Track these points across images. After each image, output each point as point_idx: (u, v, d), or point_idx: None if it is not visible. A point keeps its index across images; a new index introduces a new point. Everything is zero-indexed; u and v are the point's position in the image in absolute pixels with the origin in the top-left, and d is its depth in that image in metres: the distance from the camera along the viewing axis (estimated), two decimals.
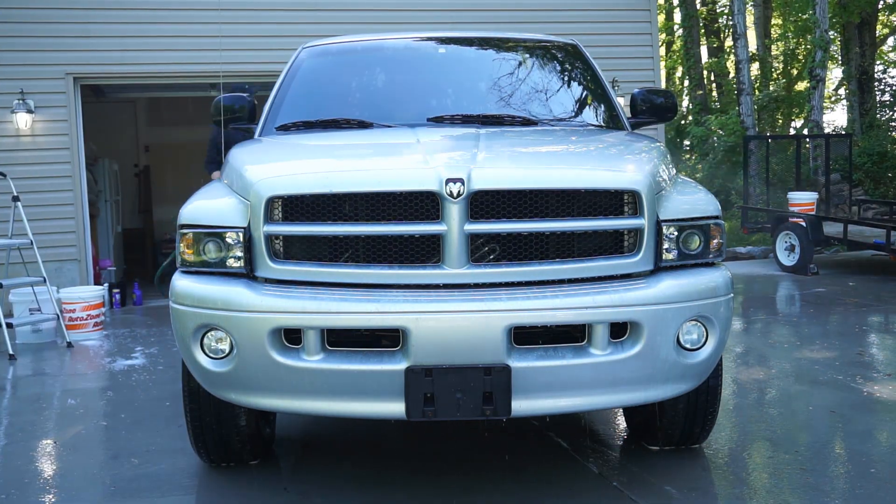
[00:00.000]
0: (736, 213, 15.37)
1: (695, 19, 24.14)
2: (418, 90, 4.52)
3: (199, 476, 3.93)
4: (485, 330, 3.03)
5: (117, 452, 4.35)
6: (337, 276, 3.16)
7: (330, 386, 3.14)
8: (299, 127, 4.36)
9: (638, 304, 3.13)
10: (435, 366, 3.04)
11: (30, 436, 4.72)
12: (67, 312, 7.88)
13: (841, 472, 3.81)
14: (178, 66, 10.14)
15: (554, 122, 4.37)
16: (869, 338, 6.86)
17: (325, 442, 4.42)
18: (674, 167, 3.75)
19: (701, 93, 24.60)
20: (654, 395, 3.30)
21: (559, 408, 3.22)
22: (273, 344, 3.12)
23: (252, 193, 3.24)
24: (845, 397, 4.93)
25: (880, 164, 15.96)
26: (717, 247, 3.41)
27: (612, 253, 3.24)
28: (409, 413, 3.07)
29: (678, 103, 22.15)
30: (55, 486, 3.93)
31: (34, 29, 9.71)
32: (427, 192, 3.07)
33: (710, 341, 3.31)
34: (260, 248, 3.20)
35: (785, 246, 10.87)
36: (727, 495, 3.58)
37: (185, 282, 3.34)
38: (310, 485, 3.78)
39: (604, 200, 3.22)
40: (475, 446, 4.22)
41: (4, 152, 9.63)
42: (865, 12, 18.54)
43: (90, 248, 10.17)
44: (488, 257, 3.16)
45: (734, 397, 5.03)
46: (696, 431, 3.92)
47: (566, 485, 3.68)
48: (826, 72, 16.51)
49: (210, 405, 3.65)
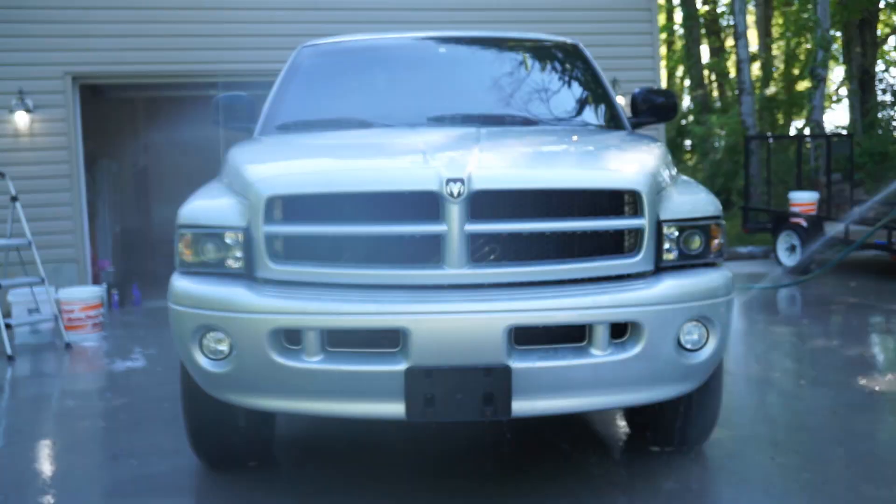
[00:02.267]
0: (737, 213, 15.36)
1: (695, 19, 24.17)
2: (418, 90, 4.51)
3: (198, 477, 3.92)
4: (485, 330, 3.02)
5: (116, 453, 4.34)
6: (336, 276, 3.15)
7: (330, 387, 3.13)
8: (299, 126, 4.35)
9: (638, 305, 3.12)
10: (435, 366, 3.02)
11: (28, 437, 4.71)
12: (66, 313, 7.87)
13: (842, 472, 3.80)
14: (177, 66, 10.13)
15: (554, 121, 4.36)
16: (870, 338, 6.85)
17: (324, 443, 4.41)
18: (674, 167, 3.74)
19: (702, 92, 24.63)
20: (654, 395, 3.29)
21: (560, 408, 3.21)
22: (273, 345, 3.11)
23: (251, 193, 3.23)
24: (846, 397, 4.92)
25: (882, 164, 15.94)
26: (718, 247, 3.40)
27: (612, 253, 3.23)
28: (409, 414, 3.06)
29: (679, 103, 22.14)
30: (54, 487, 3.92)
31: (33, 28, 9.69)
32: (427, 192, 3.06)
33: (711, 342, 3.30)
34: (259, 249, 3.18)
35: (786, 246, 10.86)
36: (728, 496, 3.58)
37: (184, 282, 3.33)
38: (309, 486, 3.77)
39: (604, 200, 3.21)
40: (475, 447, 4.21)
41: (3, 152, 9.61)
42: (867, 11, 18.52)
43: (89, 249, 10.17)
44: (488, 257, 3.14)
45: (735, 397, 5.02)
46: (697, 432, 3.91)
47: (567, 486, 3.67)
48: (827, 71, 16.50)
49: (209, 406, 3.62)
